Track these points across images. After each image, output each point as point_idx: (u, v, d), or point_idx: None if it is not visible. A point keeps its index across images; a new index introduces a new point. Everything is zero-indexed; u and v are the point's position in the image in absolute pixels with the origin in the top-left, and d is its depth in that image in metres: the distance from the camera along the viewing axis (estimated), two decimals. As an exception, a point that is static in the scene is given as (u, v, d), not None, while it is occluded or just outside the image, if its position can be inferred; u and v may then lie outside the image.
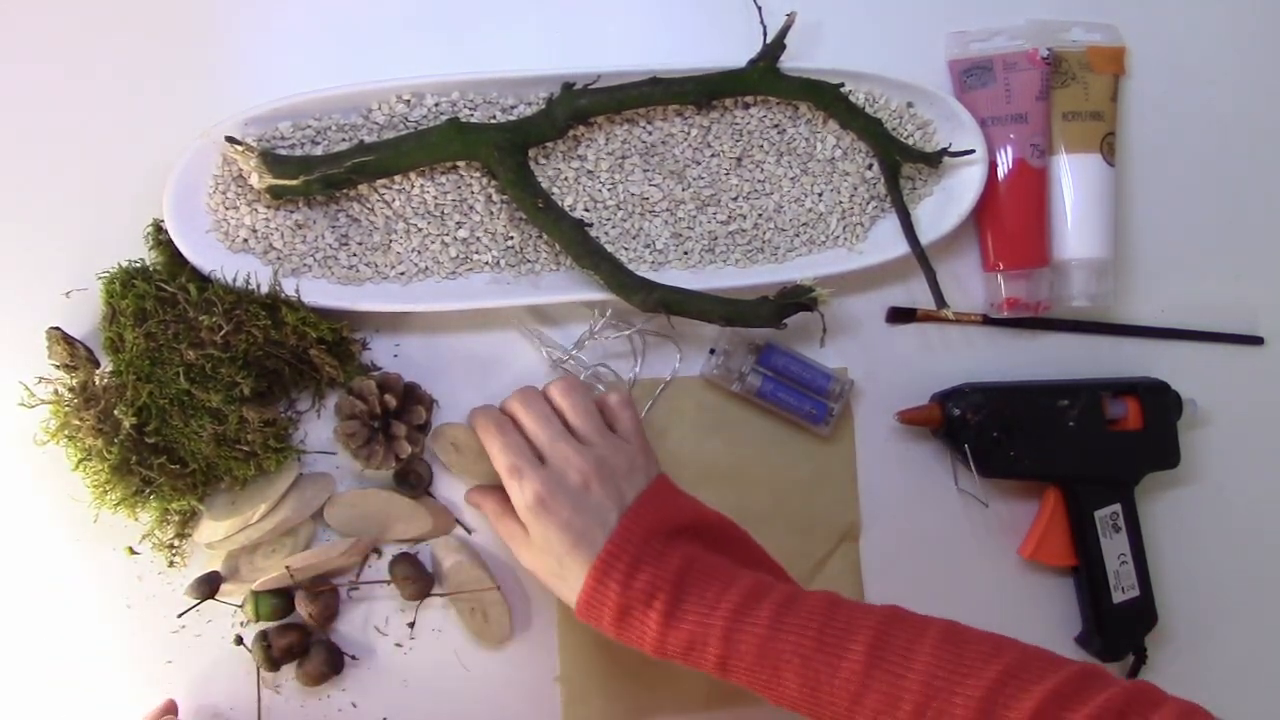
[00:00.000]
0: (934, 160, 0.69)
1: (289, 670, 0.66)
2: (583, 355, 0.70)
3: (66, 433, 0.62)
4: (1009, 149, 0.71)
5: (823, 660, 0.52)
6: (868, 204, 0.71)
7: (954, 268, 0.74)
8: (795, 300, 0.66)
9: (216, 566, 0.65)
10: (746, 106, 0.70)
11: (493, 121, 0.66)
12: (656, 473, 0.61)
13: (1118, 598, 0.71)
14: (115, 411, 0.61)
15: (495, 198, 0.67)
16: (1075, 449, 0.71)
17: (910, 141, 0.71)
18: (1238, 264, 0.77)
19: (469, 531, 0.69)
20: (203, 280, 0.63)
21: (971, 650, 0.51)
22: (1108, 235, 0.72)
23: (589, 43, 0.71)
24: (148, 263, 0.65)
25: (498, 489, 0.62)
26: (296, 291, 0.64)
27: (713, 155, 0.70)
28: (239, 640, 0.66)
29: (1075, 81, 0.73)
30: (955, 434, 0.70)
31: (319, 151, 0.65)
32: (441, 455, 0.67)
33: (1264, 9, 0.78)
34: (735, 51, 0.67)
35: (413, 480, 0.67)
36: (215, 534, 0.64)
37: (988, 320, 0.74)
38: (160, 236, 0.64)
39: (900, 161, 0.69)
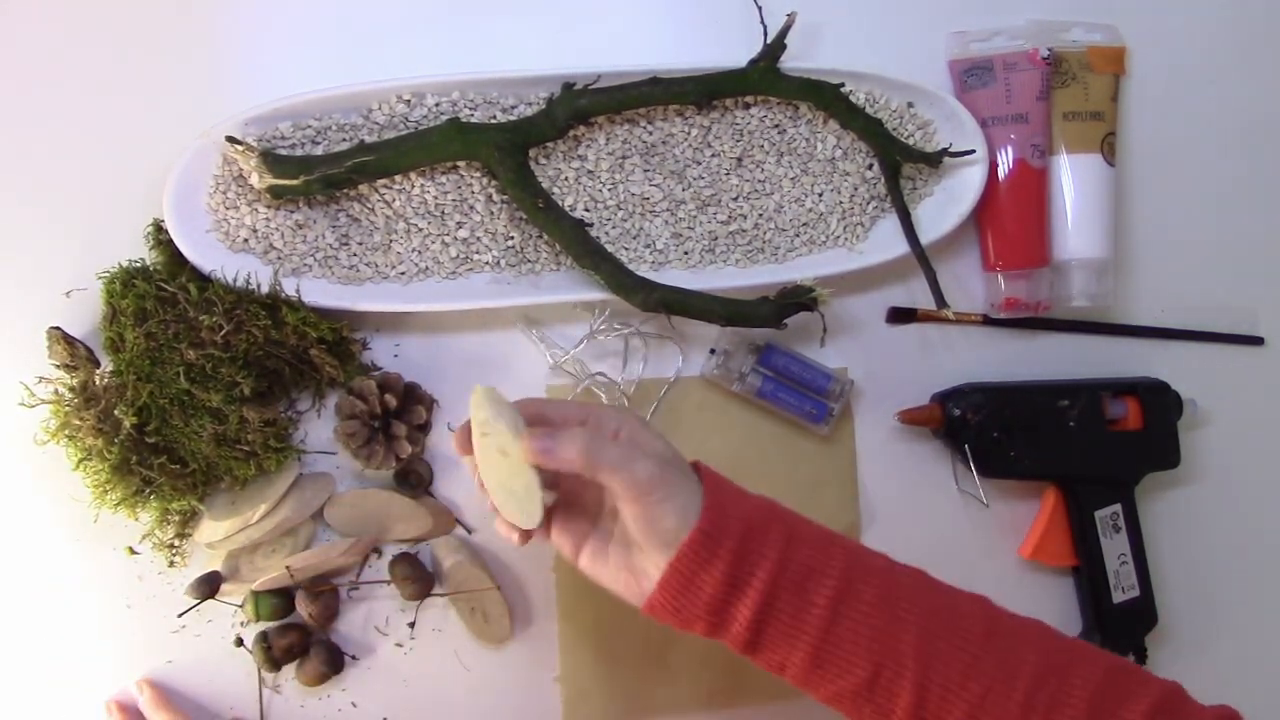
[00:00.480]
0: (934, 160, 0.69)
1: (289, 670, 0.66)
2: (583, 356, 0.70)
3: (66, 433, 0.62)
4: (1009, 149, 0.71)
5: (888, 642, 0.51)
6: (868, 204, 0.71)
7: (954, 268, 0.74)
8: (795, 300, 0.66)
9: (216, 566, 0.65)
10: (747, 106, 0.70)
11: (493, 121, 0.66)
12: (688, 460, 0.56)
13: (1118, 598, 0.71)
14: (115, 411, 0.61)
15: (495, 198, 0.67)
16: (1075, 449, 0.71)
17: (910, 141, 0.71)
18: (1238, 264, 0.78)
19: (469, 531, 0.69)
20: (203, 280, 0.63)
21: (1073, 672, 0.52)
22: (1108, 235, 0.72)
23: (589, 43, 0.71)
24: (148, 263, 0.65)
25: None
26: (297, 291, 0.64)
27: (713, 155, 0.70)
28: (239, 641, 0.66)
29: (1075, 81, 0.73)
30: (955, 434, 0.70)
31: (319, 151, 0.65)
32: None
33: (1264, 9, 0.78)
34: (735, 51, 0.67)
35: (413, 480, 0.67)
36: (215, 534, 0.64)
37: (988, 320, 0.74)
38: (160, 236, 0.64)
39: (900, 161, 0.69)
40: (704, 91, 0.66)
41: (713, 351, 0.69)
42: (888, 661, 0.50)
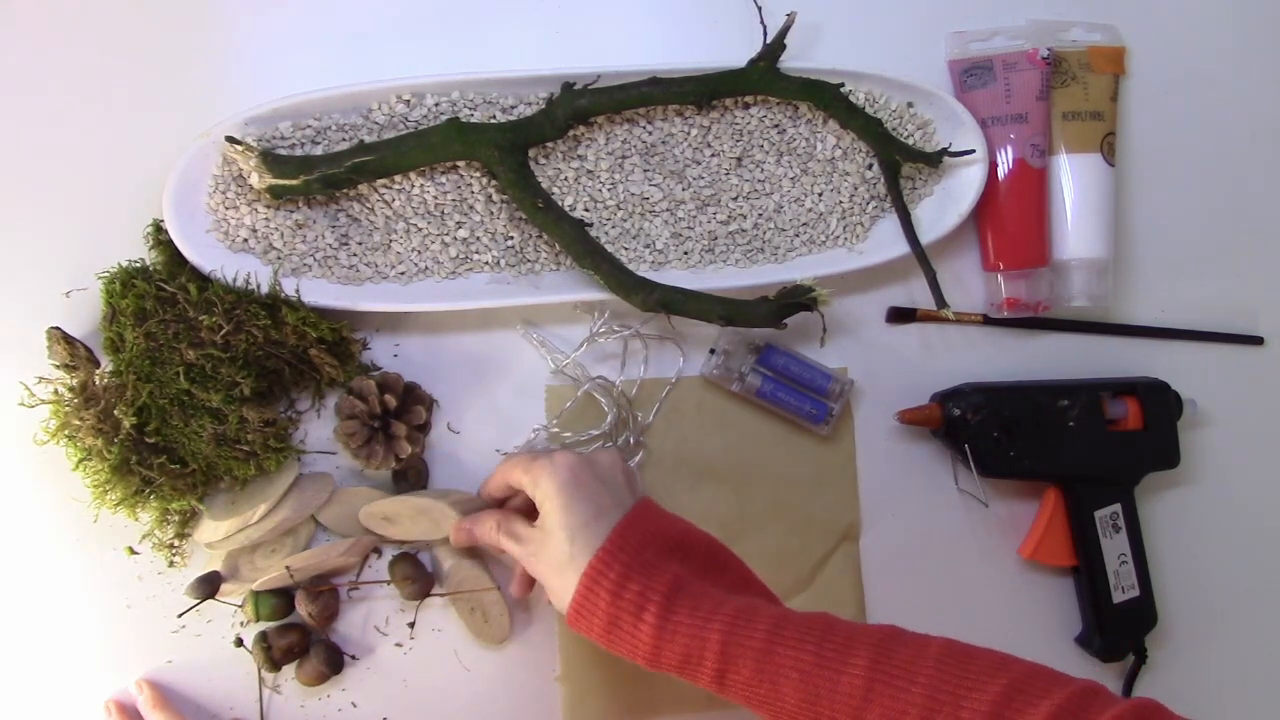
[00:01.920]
0: (934, 160, 0.69)
1: (289, 670, 0.66)
2: (583, 359, 0.70)
3: (66, 433, 0.62)
4: (1009, 149, 0.71)
5: (823, 675, 0.51)
6: (868, 204, 0.71)
7: (954, 268, 0.74)
8: (795, 300, 0.66)
9: (216, 566, 0.65)
10: (746, 106, 0.70)
11: (493, 121, 0.66)
12: (643, 495, 0.61)
13: (1118, 598, 0.71)
14: (115, 411, 0.61)
15: (495, 198, 0.67)
16: (1075, 449, 0.71)
17: (910, 141, 0.71)
18: (1238, 264, 0.78)
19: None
20: (203, 280, 0.63)
21: (975, 665, 0.50)
22: (1108, 235, 0.72)
23: (589, 43, 0.71)
24: (148, 263, 0.65)
25: (485, 510, 0.64)
26: (296, 291, 0.64)
27: (713, 155, 0.70)
28: (239, 641, 0.66)
29: (1075, 81, 0.73)
30: (955, 434, 0.70)
31: (319, 151, 0.65)
32: (376, 529, 0.66)
33: (1264, 9, 0.78)
34: (735, 51, 0.67)
35: (411, 478, 0.67)
36: (215, 534, 0.64)
37: (988, 320, 0.74)
38: (160, 236, 0.64)
39: (900, 161, 0.69)
40: (704, 91, 0.66)
41: (713, 351, 0.69)
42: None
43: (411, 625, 0.68)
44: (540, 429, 0.69)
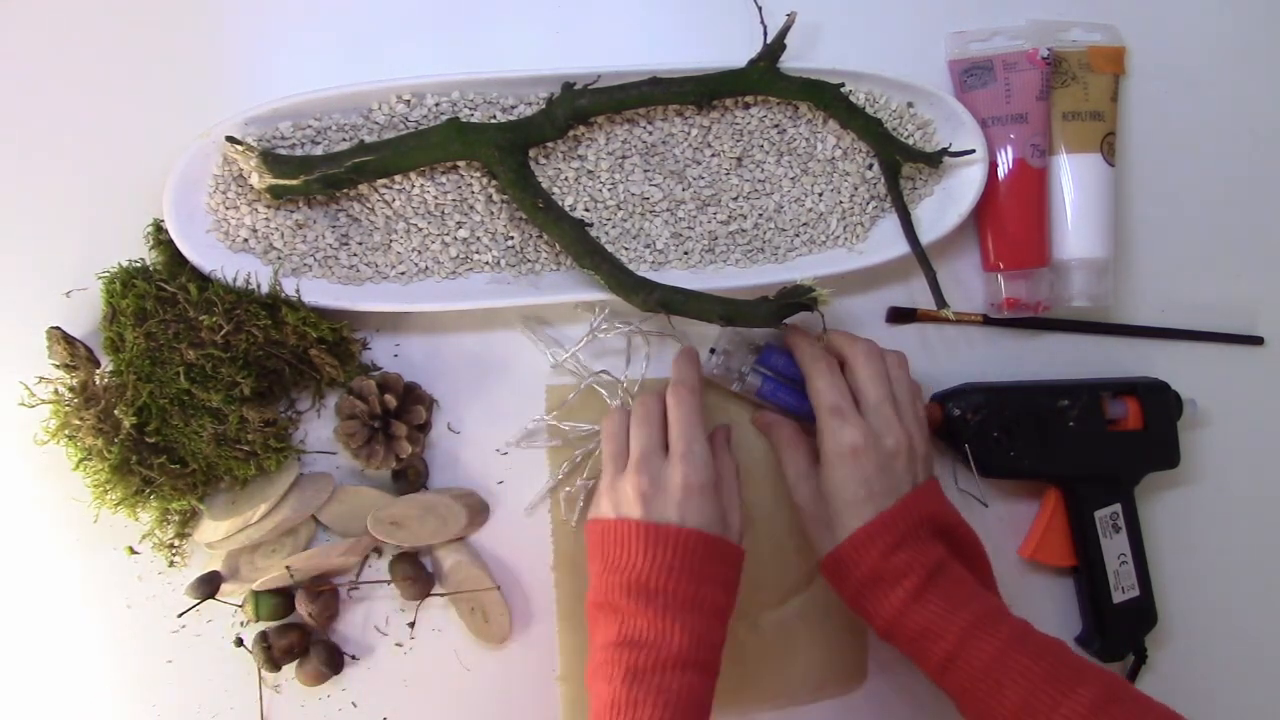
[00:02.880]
0: (934, 160, 0.69)
1: (289, 670, 0.66)
2: (584, 356, 0.70)
3: (66, 433, 0.62)
4: (1009, 149, 0.71)
5: (1047, 692, 0.54)
6: (868, 204, 0.71)
7: (954, 268, 0.74)
8: (795, 300, 0.66)
9: (216, 566, 0.65)
10: (747, 106, 0.70)
11: (493, 121, 0.66)
12: (933, 472, 0.64)
13: (1118, 598, 0.71)
14: (115, 411, 0.61)
15: (495, 198, 0.67)
16: (1075, 449, 0.71)
17: (910, 141, 0.71)
18: (1238, 264, 0.78)
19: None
20: (203, 280, 0.63)
21: None
22: (1108, 235, 0.72)
23: (589, 43, 0.71)
24: (148, 263, 0.65)
25: (786, 420, 0.67)
26: (296, 291, 0.64)
27: (713, 155, 0.70)
28: (239, 641, 0.66)
29: (1075, 81, 0.73)
30: (955, 434, 0.70)
31: (319, 151, 0.65)
32: (386, 536, 0.66)
33: (1264, 9, 0.78)
34: (735, 51, 0.67)
35: (411, 478, 0.67)
36: (215, 534, 0.64)
37: (988, 320, 0.74)
38: (160, 236, 0.64)
39: (900, 161, 0.69)
40: (704, 91, 0.66)
41: (713, 351, 0.69)
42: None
43: (411, 625, 0.68)
44: (539, 420, 0.69)
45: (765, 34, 0.66)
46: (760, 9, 0.66)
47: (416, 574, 0.66)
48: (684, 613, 0.56)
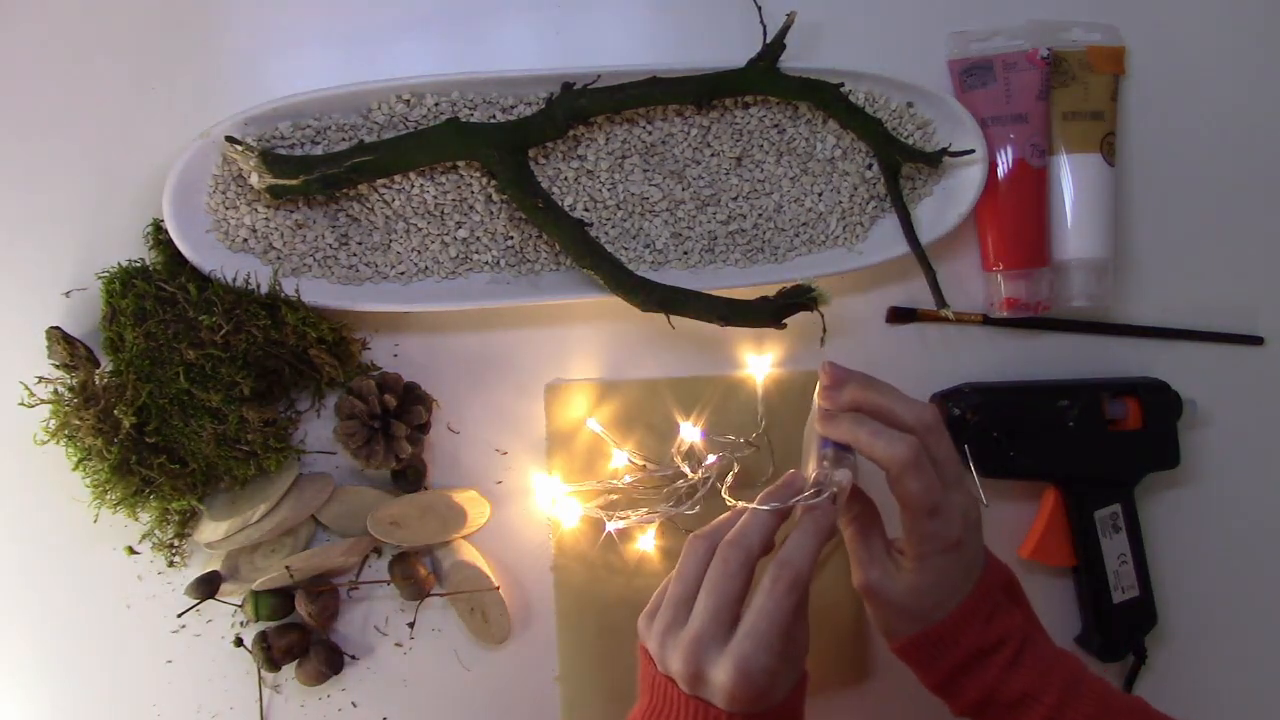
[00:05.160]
0: (934, 160, 0.69)
1: (289, 670, 0.66)
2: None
3: (66, 433, 0.62)
4: (1009, 149, 0.71)
5: None
6: (868, 204, 0.71)
7: (954, 268, 0.74)
8: (795, 300, 0.66)
9: (216, 566, 0.65)
10: (746, 106, 0.70)
11: (493, 121, 0.66)
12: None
13: (1118, 598, 0.71)
14: (115, 411, 0.61)
15: (495, 198, 0.67)
16: (1075, 449, 0.71)
17: (910, 141, 0.70)
18: (1238, 264, 0.78)
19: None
20: (203, 280, 0.63)
21: None
22: (1108, 235, 0.72)
23: (589, 43, 0.71)
24: (148, 263, 0.65)
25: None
26: (296, 291, 0.64)
27: (713, 155, 0.70)
28: (239, 641, 0.66)
29: (1075, 81, 0.73)
30: (955, 434, 0.70)
31: (319, 151, 0.65)
32: (386, 536, 0.65)
33: (1264, 9, 0.78)
34: (735, 51, 0.67)
35: (410, 478, 0.67)
36: (215, 534, 0.64)
37: (988, 320, 0.74)
38: (160, 236, 0.64)
39: (900, 161, 0.69)
40: (704, 91, 0.66)
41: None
42: None
43: (411, 625, 0.68)
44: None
45: (765, 34, 0.66)
46: (760, 9, 0.66)
47: (416, 574, 0.66)
48: None
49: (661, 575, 0.66)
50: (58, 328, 0.63)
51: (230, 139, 0.62)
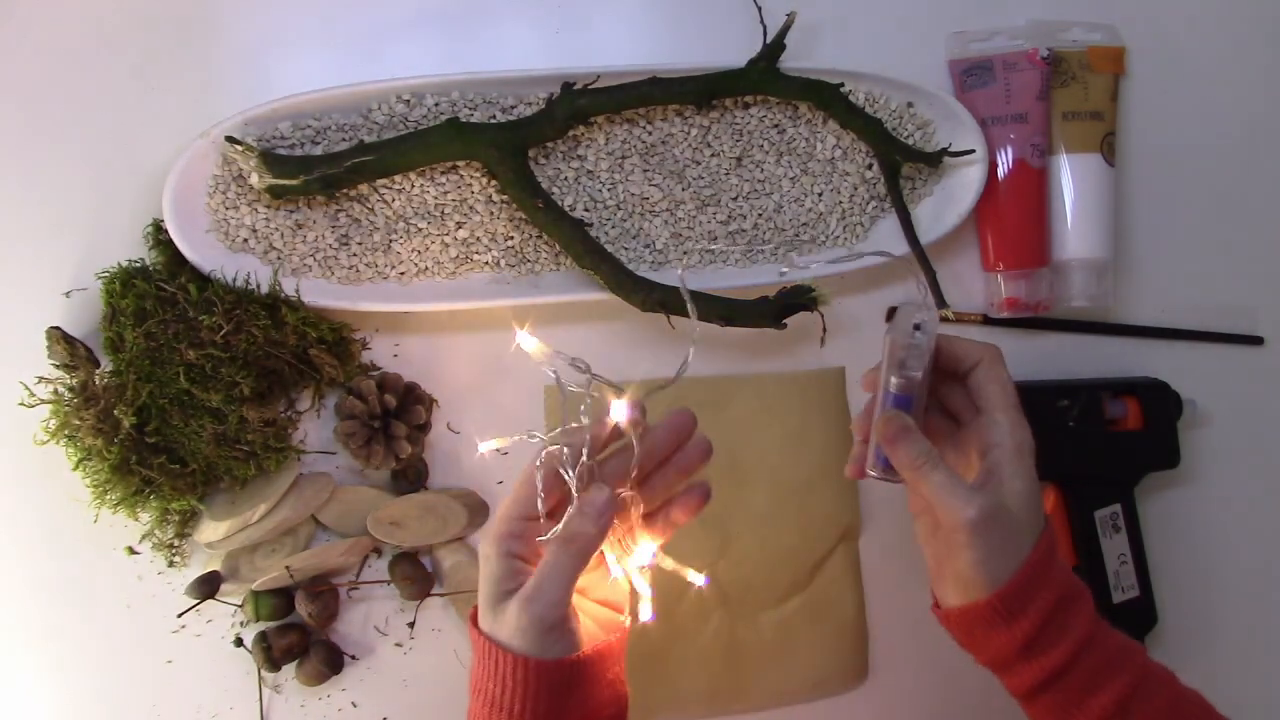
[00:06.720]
0: (934, 160, 0.69)
1: (289, 670, 0.66)
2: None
3: (66, 433, 0.62)
4: (1009, 149, 0.71)
5: None
6: (868, 204, 0.71)
7: (954, 268, 0.74)
8: (795, 300, 0.66)
9: (216, 566, 0.65)
10: (746, 106, 0.70)
11: (493, 121, 0.66)
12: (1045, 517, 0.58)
13: (1118, 598, 0.71)
14: (115, 411, 0.61)
15: (495, 198, 0.67)
16: (1075, 449, 0.71)
17: (910, 141, 0.71)
18: (1238, 264, 0.78)
19: (469, 531, 0.69)
20: (203, 280, 0.63)
21: None
22: (1107, 235, 0.72)
23: (589, 43, 0.71)
24: (148, 263, 0.65)
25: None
26: (296, 291, 0.64)
27: (713, 155, 0.70)
28: (239, 641, 0.66)
29: (1075, 81, 0.73)
30: (955, 434, 0.70)
31: (319, 151, 0.65)
32: (385, 536, 0.65)
33: (1264, 9, 0.78)
34: (735, 51, 0.67)
35: (410, 478, 0.67)
36: (215, 534, 0.64)
37: (988, 320, 0.74)
38: (160, 236, 0.64)
39: (900, 161, 0.69)
40: (704, 91, 0.66)
41: (917, 327, 0.59)
42: None
43: (411, 625, 0.68)
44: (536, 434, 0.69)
45: (765, 34, 0.66)
46: (760, 9, 0.66)
47: (416, 574, 0.66)
48: None
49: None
50: (58, 328, 0.63)
51: (230, 139, 0.62)
